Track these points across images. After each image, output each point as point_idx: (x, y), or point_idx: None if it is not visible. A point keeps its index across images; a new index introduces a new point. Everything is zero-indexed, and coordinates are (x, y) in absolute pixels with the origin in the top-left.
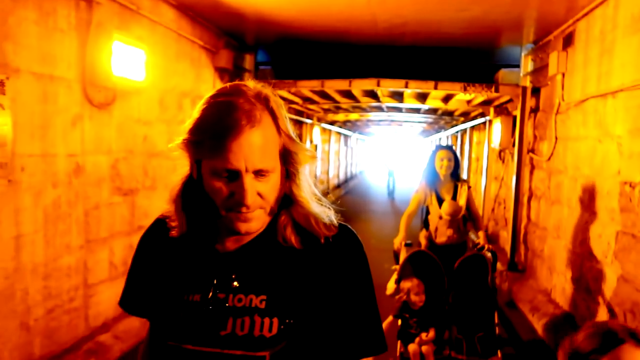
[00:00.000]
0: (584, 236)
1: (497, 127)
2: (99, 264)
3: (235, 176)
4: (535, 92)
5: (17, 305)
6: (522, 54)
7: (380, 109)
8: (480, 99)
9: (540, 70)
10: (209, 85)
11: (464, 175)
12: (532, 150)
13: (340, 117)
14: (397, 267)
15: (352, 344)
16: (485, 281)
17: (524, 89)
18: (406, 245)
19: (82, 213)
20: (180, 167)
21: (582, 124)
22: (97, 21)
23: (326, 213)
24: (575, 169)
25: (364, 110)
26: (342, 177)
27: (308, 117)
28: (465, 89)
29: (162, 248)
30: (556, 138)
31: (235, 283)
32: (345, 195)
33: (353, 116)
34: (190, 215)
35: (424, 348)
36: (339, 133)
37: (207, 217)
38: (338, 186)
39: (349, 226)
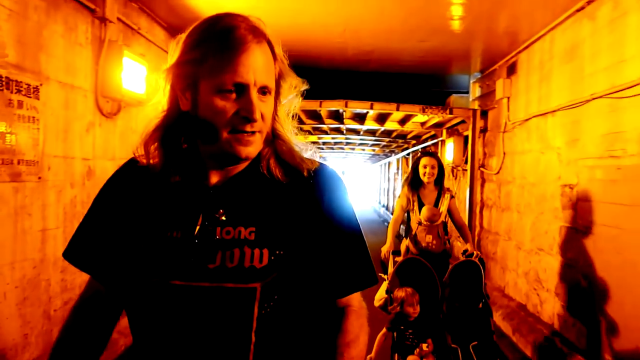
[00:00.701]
0: (532, 234)
1: (450, 147)
2: None
3: (242, 91)
4: (484, 114)
5: (41, 294)
6: (471, 81)
7: (339, 131)
8: (434, 120)
9: (487, 95)
10: None
11: None
12: (482, 166)
13: (300, 139)
14: (386, 276)
15: (341, 277)
16: (480, 288)
17: (475, 111)
18: (393, 253)
19: None
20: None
21: (526, 140)
22: (109, 38)
23: (307, 148)
24: (522, 178)
25: (324, 132)
26: None
27: None
28: (423, 111)
29: (136, 188)
30: (504, 153)
31: (223, 217)
32: None
33: (312, 138)
34: (170, 150)
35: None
36: None
37: (189, 151)
38: None
39: (328, 164)
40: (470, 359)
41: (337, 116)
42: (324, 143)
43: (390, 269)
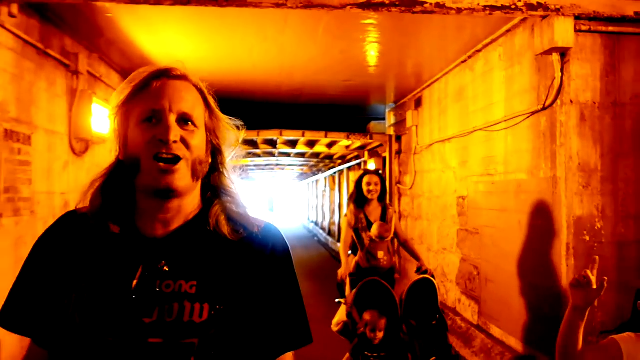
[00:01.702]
0: (438, 237)
1: (372, 166)
2: None
3: (159, 118)
4: (398, 139)
5: None
6: (387, 111)
7: (272, 154)
8: (357, 144)
9: (401, 123)
10: None
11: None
12: (399, 182)
13: (234, 162)
14: (343, 300)
15: (277, 336)
16: (435, 304)
17: (390, 136)
18: (350, 275)
19: None
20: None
21: (431, 161)
22: (81, 88)
23: (250, 203)
24: (430, 192)
25: (257, 156)
26: None
27: None
28: (348, 137)
29: (72, 241)
30: (415, 172)
31: (165, 268)
32: None
33: (244, 161)
34: (108, 197)
35: None
36: None
37: (127, 198)
38: None
39: (273, 224)
40: None
41: (271, 142)
42: (255, 165)
43: (348, 291)
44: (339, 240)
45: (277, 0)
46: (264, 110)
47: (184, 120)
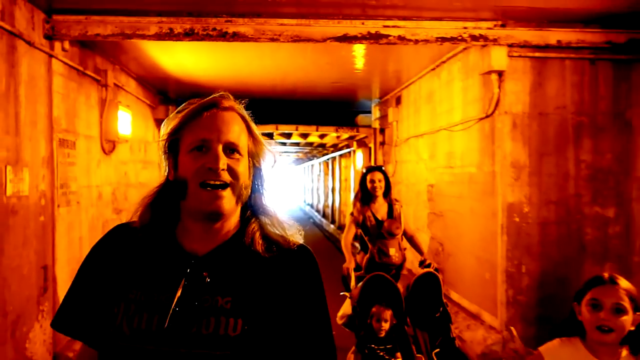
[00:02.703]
0: (414, 220)
1: (359, 155)
2: None
3: (208, 147)
4: (382, 131)
5: None
6: (372, 105)
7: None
8: (346, 135)
9: (384, 117)
10: (153, 132)
11: (352, 195)
12: None
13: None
14: (348, 293)
15: (304, 354)
16: (440, 298)
17: (375, 129)
18: (355, 270)
19: (101, 225)
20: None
21: (408, 153)
22: (109, 98)
23: (289, 225)
24: (407, 180)
25: None
26: None
27: None
28: (337, 130)
29: (122, 253)
30: (396, 162)
31: (203, 285)
32: None
33: None
34: (157, 213)
35: None
36: None
37: (173, 220)
38: None
39: (307, 245)
40: None
41: (268, 135)
42: None
43: (353, 285)
44: (332, 222)
45: (272, 35)
46: (261, 107)
47: (231, 149)
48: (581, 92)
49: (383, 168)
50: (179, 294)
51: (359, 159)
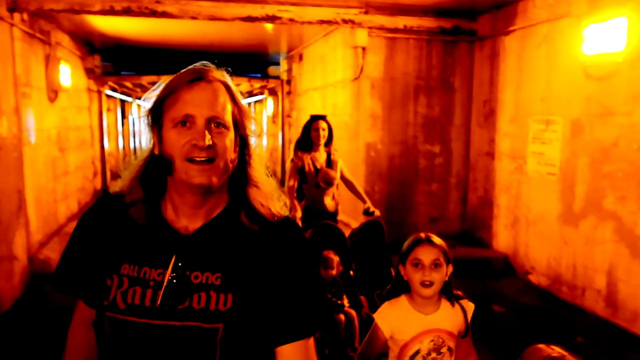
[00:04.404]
0: None
1: (270, 103)
2: (58, 188)
3: (192, 122)
4: (289, 82)
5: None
6: (281, 59)
7: None
8: (258, 85)
9: (290, 70)
10: (84, 80)
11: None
12: (288, 116)
13: None
14: None
15: (290, 325)
16: (384, 244)
17: (282, 81)
18: (301, 219)
19: (51, 160)
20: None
21: (307, 102)
22: (52, 55)
23: (277, 193)
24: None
25: None
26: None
27: (129, 96)
28: (249, 81)
29: (113, 224)
30: (299, 109)
31: (194, 262)
32: None
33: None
34: (146, 187)
35: (348, 313)
36: None
37: (159, 194)
38: None
39: (290, 217)
40: (375, 304)
41: None
42: None
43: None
44: None
45: (193, 14)
46: (184, 58)
47: (216, 124)
48: (420, 63)
49: (326, 117)
50: (169, 270)
51: (269, 106)
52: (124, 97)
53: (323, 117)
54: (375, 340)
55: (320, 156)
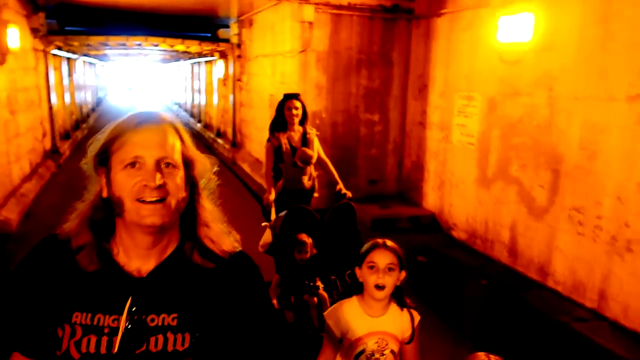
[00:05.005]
0: (258, 121)
1: (220, 65)
2: (11, 150)
3: (142, 163)
4: (239, 46)
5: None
6: (231, 23)
7: (142, 48)
8: (208, 48)
9: (240, 35)
10: (30, 40)
11: (215, 97)
12: (239, 80)
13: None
14: (268, 223)
15: (249, 358)
16: (355, 226)
17: (233, 45)
18: (275, 200)
19: (3, 123)
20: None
21: (258, 67)
22: (0, 17)
23: (227, 228)
24: (256, 89)
25: (126, 49)
26: (92, 101)
27: (74, 54)
28: (200, 44)
29: (60, 270)
30: (249, 74)
31: (148, 304)
32: (100, 117)
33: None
34: (95, 231)
35: (321, 295)
36: (92, 63)
37: (111, 234)
38: (93, 110)
39: (244, 252)
40: (347, 283)
41: (139, 44)
42: (119, 53)
43: (273, 215)
44: (199, 122)
45: None
46: (134, 19)
47: (165, 164)
48: (362, 38)
49: (299, 95)
50: (124, 315)
51: (219, 69)
52: (69, 55)
53: (296, 96)
54: (330, 338)
55: (296, 135)
